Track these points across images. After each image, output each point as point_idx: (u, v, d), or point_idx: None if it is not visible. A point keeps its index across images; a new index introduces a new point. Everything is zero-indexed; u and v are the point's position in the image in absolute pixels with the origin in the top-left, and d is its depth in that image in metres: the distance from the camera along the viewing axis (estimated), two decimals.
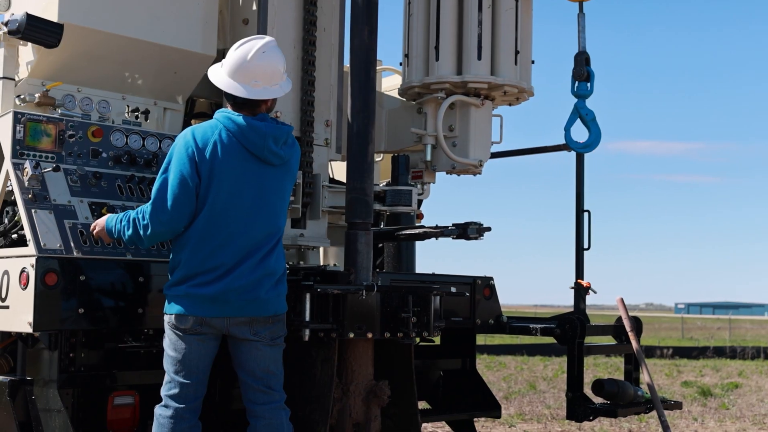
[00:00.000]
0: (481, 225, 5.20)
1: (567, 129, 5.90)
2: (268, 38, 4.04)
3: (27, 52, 4.74)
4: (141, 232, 3.89)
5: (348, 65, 5.25)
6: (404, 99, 5.94)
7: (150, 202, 3.90)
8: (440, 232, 5.27)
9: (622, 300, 5.97)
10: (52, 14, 4.52)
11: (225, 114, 3.98)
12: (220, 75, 4.03)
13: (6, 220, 4.46)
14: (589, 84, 5.86)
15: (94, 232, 4.13)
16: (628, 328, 5.83)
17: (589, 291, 5.80)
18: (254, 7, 5.13)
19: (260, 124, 3.95)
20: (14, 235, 4.36)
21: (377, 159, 6.83)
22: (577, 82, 5.88)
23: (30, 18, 4.38)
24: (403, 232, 5.57)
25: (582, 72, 5.82)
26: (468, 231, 5.15)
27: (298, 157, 4.22)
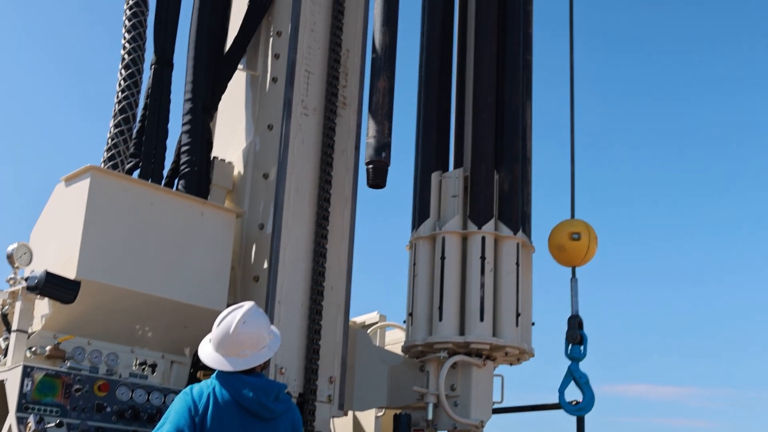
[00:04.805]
0: None
1: (561, 391, 5.93)
2: (247, 306, 4.18)
3: (42, 305, 4.88)
4: None
5: (353, 319, 5.38)
6: (407, 356, 6.01)
7: None
8: None
9: None
10: (71, 270, 4.70)
11: (220, 372, 4.09)
12: (207, 351, 4.16)
13: None
14: (582, 347, 5.95)
15: None
16: None
17: None
18: (265, 266, 5.33)
19: (251, 378, 4.05)
20: None
21: (379, 414, 6.80)
22: (570, 345, 5.97)
23: (49, 276, 4.55)
24: None
25: (575, 335, 5.93)
26: None
27: (297, 414, 4.24)
